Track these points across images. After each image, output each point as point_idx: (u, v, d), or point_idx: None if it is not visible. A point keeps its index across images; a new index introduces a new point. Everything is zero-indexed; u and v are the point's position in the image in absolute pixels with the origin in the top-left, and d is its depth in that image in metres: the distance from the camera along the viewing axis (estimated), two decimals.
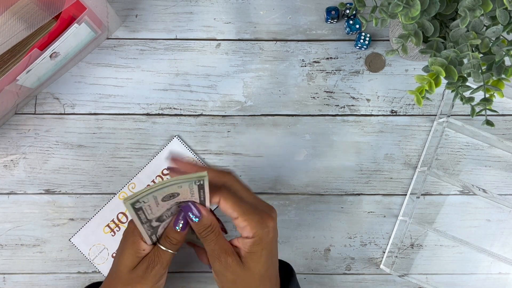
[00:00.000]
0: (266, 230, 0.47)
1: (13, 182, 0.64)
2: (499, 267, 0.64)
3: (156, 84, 0.65)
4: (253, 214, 0.47)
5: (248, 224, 0.47)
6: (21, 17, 0.52)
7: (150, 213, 0.47)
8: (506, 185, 0.65)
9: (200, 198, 0.48)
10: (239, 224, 0.48)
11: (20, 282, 0.63)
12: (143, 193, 0.43)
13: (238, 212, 0.47)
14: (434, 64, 0.47)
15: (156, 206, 0.46)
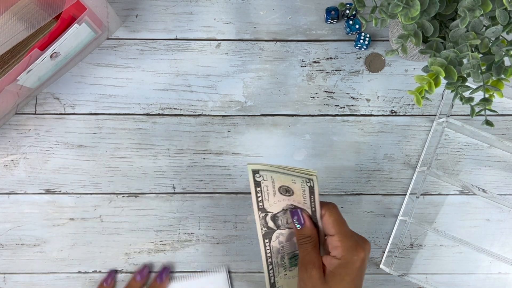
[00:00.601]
0: (355, 257, 0.48)
1: (13, 182, 0.64)
2: (499, 267, 0.64)
3: (156, 84, 0.65)
4: (349, 239, 0.49)
5: (341, 245, 0.48)
6: (21, 17, 0.52)
7: (267, 198, 0.49)
8: (506, 185, 0.65)
9: (311, 205, 0.50)
10: (332, 242, 0.49)
11: (20, 282, 0.63)
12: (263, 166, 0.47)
13: (336, 230, 0.49)
14: (434, 64, 0.47)
15: (273, 195, 0.49)
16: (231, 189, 0.64)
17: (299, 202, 0.51)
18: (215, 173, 0.64)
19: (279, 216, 0.52)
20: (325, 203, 0.51)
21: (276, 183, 0.49)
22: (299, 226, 0.51)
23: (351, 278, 0.49)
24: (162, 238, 0.64)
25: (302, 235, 0.51)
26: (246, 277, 0.64)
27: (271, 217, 0.52)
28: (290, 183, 0.49)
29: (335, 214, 0.50)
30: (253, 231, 0.64)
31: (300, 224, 0.51)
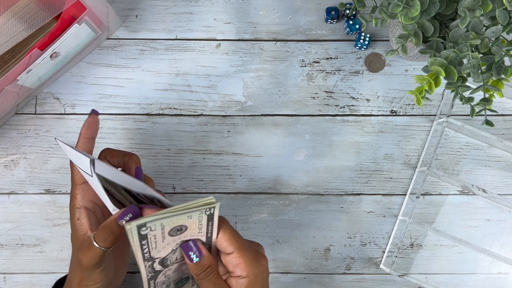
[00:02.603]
0: (260, 268, 0.46)
1: (13, 182, 0.64)
2: (499, 267, 0.64)
3: (156, 84, 0.65)
4: (248, 252, 0.45)
5: (243, 261, 0.45)
6: (21, 17, 0.52)
7: (154, 247, 0.44)
8: (506, 185, 0.65)
9: (208, 233, 0.46)
10: (232, 260, 0.46)
11: (20, 282, 0.63)
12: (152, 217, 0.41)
13: (235, 247, 0.45)
14: (434, 64, 0.47)
15: (162, 240, 0.44)
16: (231, 189, 0.64)
17: (192, 234, 0.46)
18: (215, 173, 0.64)
19: (168, 258, 0.47)
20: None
21: (167, 228, 0.43)
22: (198, 259, 0.45)
23: None
24: None
25: (202, 267, 0.46)
26: None
27: (159, 262, 0.46)
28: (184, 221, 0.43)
29: (229, 229, 0.46)
30: (253, 231, 0.64)
31: (199, 256, 0.45)
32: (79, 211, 0.50)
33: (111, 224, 0.46)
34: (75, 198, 0.50)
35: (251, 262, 0.45)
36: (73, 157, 0.48)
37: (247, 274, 0.45)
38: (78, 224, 0.49)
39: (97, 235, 0.46)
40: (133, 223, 0.41)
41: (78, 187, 0.50)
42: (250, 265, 0.45)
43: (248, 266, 0.45)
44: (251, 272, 0.45)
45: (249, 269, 0.45)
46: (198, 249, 0.46)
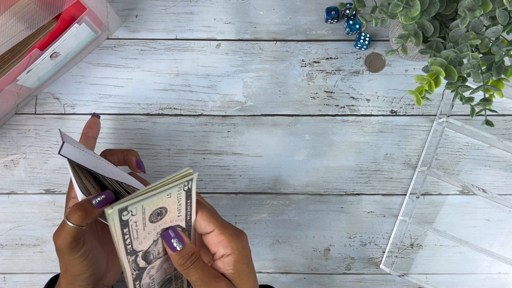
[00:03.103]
0: (243, 243, 0.44)
1: (13, 182, 0.64)
2: (499, 267, 0.64)
3: (156, 84, 0.65)
4: (228, 228, 0.44)
5: (225, 238, 0.43)
6: (21, 17, 0.52)
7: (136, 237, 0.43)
8: (506, 185, 0.65)
9: (187, 215, 0.45)
10: (213, 239, 0.44)
11: (20, 282, 0.63)
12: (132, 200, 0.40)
13: (214, 224, 0.43)
14: (434, 64, 0.47)
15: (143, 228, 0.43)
16: (231, 189, 0.64)
17: (172, 219, 0.44)
18: (215, 173, 0.64)
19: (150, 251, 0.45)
20: None
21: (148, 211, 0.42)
22: (180, 247, 0.44)
23: (251, 267, 0.45)
24: None
25: (187, 255, 0.44)
26: None
27: (142, 256, 0.45)
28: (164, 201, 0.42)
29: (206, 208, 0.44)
30: (253, 231, 0.64)
31: (182, 243, 0.44)
32: (73, 200, 0.51)
33: (83, 202, 0.46)
34: (72, 189, 0.51)
35: (233, 237, 0.44)
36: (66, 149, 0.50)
37: (232, 251, 0.44)
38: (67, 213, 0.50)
39: (69, 212, 0.46)
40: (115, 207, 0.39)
41: None
42: (232, 241, 0.43)
43: (231, 242, 0.43)
44: (235, 247, 0.44)
45: (233, 245, 0.43)
46: (179, 237, 0.44)
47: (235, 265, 0.44)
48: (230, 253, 0.44)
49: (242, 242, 0.44)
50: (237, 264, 0.44)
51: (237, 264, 0.44)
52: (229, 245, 0.44)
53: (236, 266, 0.44)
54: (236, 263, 0.44)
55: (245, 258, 0.44)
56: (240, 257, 0.44)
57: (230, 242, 0.43)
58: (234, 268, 0.44)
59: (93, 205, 0.46)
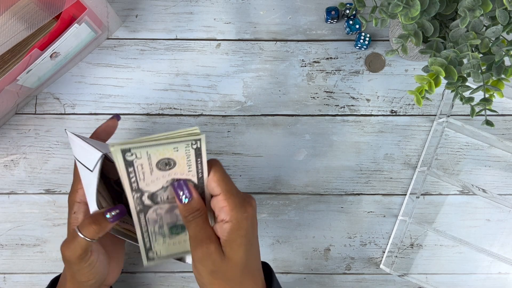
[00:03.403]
0: (245, 215, 0.44)
1: (13, 182, 0.64)
2: (499, 267, 0.64)
3: (156, 84, 0.65)
4: (235, 196, 0.44)
5: (227, 204, 0.44)
6: (21, 17, 0.52)
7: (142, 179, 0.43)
8: (506, 185, 0.65)
9: (198, 171, 0.45)
10: (218, 203, 0.44)
11: (20, 282, 0.63)
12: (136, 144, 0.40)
13: (222, 188, 0.44)
14: (434, 64, 0.47)
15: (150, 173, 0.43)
16: None
17: (182, 172, 0.44)
18: None
19: (158, 194, 0.46)
20: (209, 161, 0.45)
21: (153, 158, 0.42)
22: (187, 200, 0.45)
23: (248, 240, 0.45)
24: None
25: (191, 209, 0.45)
26: None
27: (148, 196, 0.45)
28: (171, 153, 0.42)
29: (220, 171, 0.45)
30: None
31: (189, 197, 0.45)
32: (78, 205, 0.50)
33: (97, 215, 0.46)
34: (76, 192, 0.50)
35: (235, 206, 0.44)
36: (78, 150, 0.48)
37: (230, 219, 0.44)
38: (73, 218, 0.49)
39: (81, 224, 0.46)
40: (116, 146, 0.39)
41: (81, 183, 0.50)
42: (234, 209, 0.44)
43: (232, 210, 0.44)
44: (234, 217, 0.44)
45: (233, 214, 0.44)
46: (188, 190, 0.45)
47: (229, 233, 0.44)
48: (228, 220, 0.44)
49: (244, 214, 0.44)
50: (231, 232, 0.44)
51: (231, 233, 0.44)
52: (230, 213, 0.44)
53: (230, 235, 0.44)
54: (231, 231, 0.44)
55: (241, 229, 0.44)
56: (236, 226, 0.44)
57: (231, 210, 0.44)
58: (228, 235, 0.44)
59: (106, 219, 0.46)
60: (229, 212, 0.44)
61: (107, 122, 0.53)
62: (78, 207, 0.50)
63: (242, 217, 0.44)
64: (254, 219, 0.46)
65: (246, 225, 0.44)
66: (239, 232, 0.44)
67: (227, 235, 0.44)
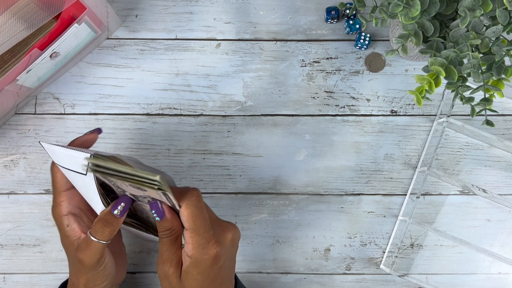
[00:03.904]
0: (205, 257, 0.46)
1: (13, 182, 0.64)
2: (499, 267, 0.64)
3: (156, 84, 0.65)
4: (201, 236, 0.46)
5: (191, 242, 0.46)
6: (21, 17, 0.52)
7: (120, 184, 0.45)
8: (506, 185, 0.65)
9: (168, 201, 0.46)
10: (186, 237, 0.46)
11: (20, 282, 0.63)
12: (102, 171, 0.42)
13: (189, 226, 0.45)
14: (434, 64, 0.47)
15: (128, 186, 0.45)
16: (231, 189, 0.64)
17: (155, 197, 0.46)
18: (215, 173, 0.64)
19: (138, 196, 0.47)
20: (184, 192, 0.46)
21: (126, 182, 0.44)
22: (158, 219, 0.47)
23: (205, 276, 0.46)
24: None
25: (162, 227, 0.47)
26: (246, 277, 0.64)
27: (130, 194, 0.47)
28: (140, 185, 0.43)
29: (192, 207, 0.46)
30: (253, 231, 0.64)
31: (160, 216, 0.46)
32: (66, 218, 0.50)
33: (105, 216, 0.47)
34: (60, 206, 0.50)
35: (198, 246, 0.45)
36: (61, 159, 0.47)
37: (191, 256, 0.46)
38: (69, 230, 0.49)
39: (94, 229, 0.47)
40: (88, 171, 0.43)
41: (62, 194, 0.50)
42: (196, 249, 0.45)
43: (194, 249, 0.46)
44: (194, 255, 0.46)
45: (194, 252, 0.46)
46: (160, 211, 0.46)
47: (188, 267, 0.46)
48: (189, 256, 0.46)
49: (204, 256, 0.46)
50: (190, 267, 0.46)
51: (189, 267, 0.46)
52: (191, 251, 0.46)
53: (188, 268, 0.46)
54: (189, 266, 0.46)
55: (199, 267, 0.46)
56: (194, 264, 0.46)
57: (193, 249, 0.46)
58: (187, 268, 0.46)
59: (116, 217, 0.47)
60: (191, 249, 0.46)
61: (87, 136, 0.53)
62: (68, 220, 0.50)
63: (202, 258, 0.46)
64: (219, 258, 0.47)
65: (203, 265, 0.46)
66: (196, 269, 0.46)
67: (186, 267, 0.47)
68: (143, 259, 0.64)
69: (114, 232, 0.48)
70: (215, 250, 0.46)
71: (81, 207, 0.51)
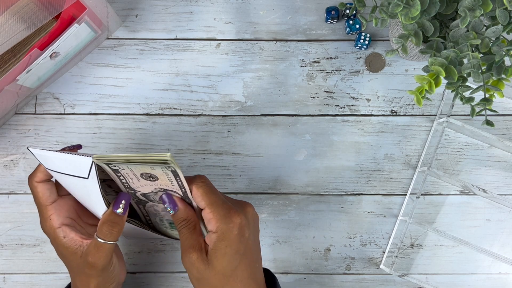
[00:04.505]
0: (230, 225, 0.46)
1: (13, 182, 0.64)
2: (499, 267, 0.64)
3: (156, 84, 0.65)
4: (219, 208, 0.46)
5: (213, 217, 0.46)
6: (21, 17, 0.52)
7: (131, 182, 0.45)
8: (506, 185, 0.65)
9: (180, 187, 0.47)
10: (206, 215, 0.46)
11: (20, 282, 0.63)
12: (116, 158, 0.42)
13: (206, 202, 0.46)
14: (434, 64, 0.47)
15: (138, 180, 0.45)
16: (231, 189, 0.64)
17: (167, 185, 0.47)
18: (215, 173, 0.64)
19: (150, 195, 0.48)
20: (192, 178, 0.47)
21: (136, 171, 0.44)
22: (173, 212, 0.48)
23: (234, 249, 0.46)
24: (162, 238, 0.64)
25: (178, 219, 0.48)
26: None
27: (141, 194, 0.48)
28: (150, 170, 0.44)
29: (203, 185, 0.47)
30: None
31: (173, 209, 0.48)
32: (61, 230, 0.50)
33: (109, 216, 0.48)
34: (50, 220, 0.50)
35: (220, 218, 0.46)
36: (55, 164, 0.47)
37: (216, 230, 0.46)
38: (68, 241, 0.49)
39: (101, 232, 0.47)
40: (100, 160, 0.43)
41: (49, 208, 0.50)
42: (219, 221, 0.46)
43: (218, 222, 0.46)
44: (219, 228, 0.46)
45: (218, 225, 0.46)
46: (172, 203, 0.47)
47: (215, 243, 0.46)
48: (215, 231, 0.46)
49: (229, 224, 0.46)
50: (216, 242, 0.46)
51: (216, 243, 0.46)
52: (215, 224, 0.46)
53: (215, 244, 0.46)
54: (216, 241, 0.46)
55: (226, 239, 0.46)
56: (221, 237, 0.46)
57: (217, 222, 0.46)
58: (214, 245, 0.46)
59: (120, 216, 0.48)
60: (214, 223, 0.46)
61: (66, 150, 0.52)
62: (63, 231, 0.50)
63: (227, 228, 0.46)
64: (243, 228, 0.47)
65: (231, 235, 0.46)
66: (224, 242, 0.46)
67: (213, 245, 0.46)
68: (143, 259, 0.64)
69: (121, 230, 0.48)
70: (238, 218, 0.46)
71: (70, 216, 0.51)
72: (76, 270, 0.50)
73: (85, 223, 0.53)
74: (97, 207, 0.48)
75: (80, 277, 0.50)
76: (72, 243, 0.49)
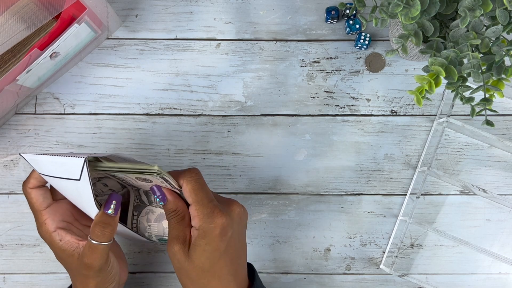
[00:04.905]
0: (212, 225, 0.47)
1: (13, 182, 0.64)
2: (499, 267, 0.64)
3: (156, 84, 0.65)
4: (205, 206, 0.47)
5: (197, 214, 0.47)
6: (21, 17, 0.52)
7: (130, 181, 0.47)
8: (506, 185, 0.65)
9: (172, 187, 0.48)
10: (191, 212, 0.48)
11: (20, 282, 0.63)
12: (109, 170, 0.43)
13: (192, 199, 0.47)
14: (434, 64, 0.47)
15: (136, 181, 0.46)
16: (231, 189, 0.64)
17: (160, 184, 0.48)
18: (215, 173, 0.64)
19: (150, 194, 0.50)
20: (184, 172, 0.48)
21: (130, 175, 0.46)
22: (162, 203, 0.49)
23: (214, 247, 0.47)
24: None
25: (167, 210, 0.49)
26: None
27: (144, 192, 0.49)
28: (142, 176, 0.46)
29: (192, 181, 0.48)
30: (253, 231, 0.64)
31: (163, 199, 0.49)
32: (56, 233, 0.50)
33: (101, 218, 0.48)
34: (45, 224, 0.51)
35: (203, 217, 0.47)
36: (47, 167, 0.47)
37: (198, 227, 0.47)
38: (64, 243, 0.50)
39: (94, 233, 0.48)
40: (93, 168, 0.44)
41: (43, 213, 0.50)
42: (202, 220, 0.47)
43: (200, 220, 0.47)
44: (201, 226, 0.47)
45: (201, 224, 0.47)
46: (161, 194, 0.49)
47: (196, 239, 0.47)
48: (197, 228, 0.47)
49: (211, 224, 0.47)
50: (198, 239, 0.47)
51: (198, 239, 0.47)
52: (199, 223, 0.47)
53: (196, 240, 0.47)
54: (198, 238, 0.47)
55: (207, 238, 0.47)
56: (203, 235, 0.47)
57: (200, 221, 0.47)
58: (195, 241, 0.47)
59: (111, 216, 0.48)
60: (198, 221, 0.47)
61: None
62: (59, 235, 0.50)
63: (209, 228, 0.47)
64: (225, 228, 0.47)
65: (212, 235, 0.47)
66: (204, 240, 0.47)
67: (194, 241, 0.48)
68: (143, 259, 0.64)
69: (114, 231, 0.49)
70: (221, 219, 0.47)
71: (65, 219, 0.51)
72: (75, 272, 0.51)
73: (83, 226, 0.53)
74: (88, 208, 0.48)
75: (79, 279, 0.51)
76: (69, 246, 0.50)
